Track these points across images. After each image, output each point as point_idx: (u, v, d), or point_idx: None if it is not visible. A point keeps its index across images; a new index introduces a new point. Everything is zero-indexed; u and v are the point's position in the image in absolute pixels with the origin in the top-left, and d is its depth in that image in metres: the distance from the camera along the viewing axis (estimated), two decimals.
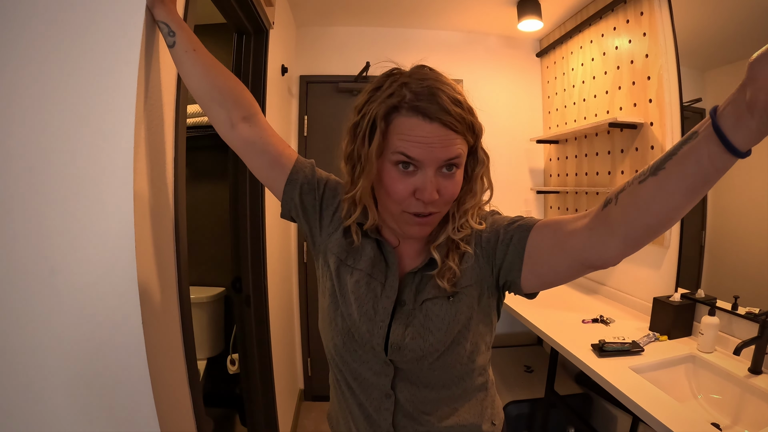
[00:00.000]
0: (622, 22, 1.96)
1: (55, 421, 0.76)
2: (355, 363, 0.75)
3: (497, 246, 0.71)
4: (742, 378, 1.31)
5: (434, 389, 0.74)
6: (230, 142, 0.81)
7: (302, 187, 0.79)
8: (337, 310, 0.75)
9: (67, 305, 0.75)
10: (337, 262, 0.77)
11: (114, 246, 0.75)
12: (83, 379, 0.77)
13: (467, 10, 2.34)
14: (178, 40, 0.79)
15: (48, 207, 0.74)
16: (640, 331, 1.69)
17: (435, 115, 0.63)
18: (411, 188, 0.66)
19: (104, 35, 0.75)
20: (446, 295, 0.72)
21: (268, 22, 1.71)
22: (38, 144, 0.73)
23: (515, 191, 2.74)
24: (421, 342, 0.70)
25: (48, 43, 0.74)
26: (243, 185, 1.70)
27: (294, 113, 2.54)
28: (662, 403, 1.18)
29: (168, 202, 0.93)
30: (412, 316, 0.72)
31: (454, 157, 0.66)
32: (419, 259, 0.76)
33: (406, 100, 0.65)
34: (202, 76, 0.79)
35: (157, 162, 0.87)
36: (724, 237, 1.60)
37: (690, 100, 1.67)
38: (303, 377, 2.67)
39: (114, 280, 0.76)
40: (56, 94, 0.74)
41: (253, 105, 0.83)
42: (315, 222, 0.81)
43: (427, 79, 0.66)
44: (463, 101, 0.67)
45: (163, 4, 0.78)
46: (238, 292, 1.75)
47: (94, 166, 0.75)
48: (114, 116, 0.75)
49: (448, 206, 0.71)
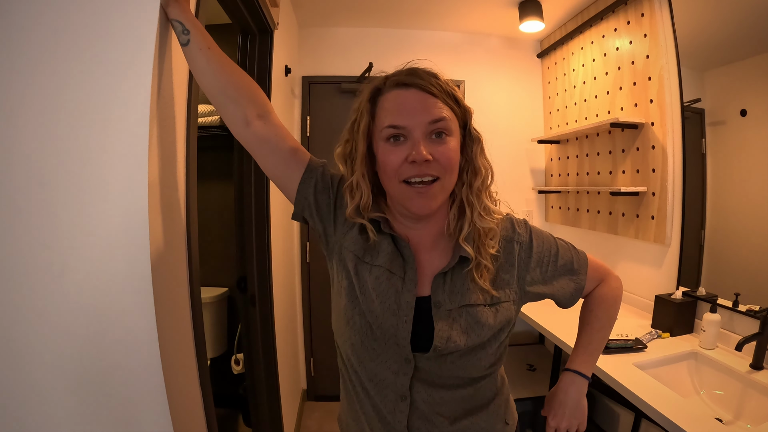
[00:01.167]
0: (623, 23, 1.98)
1: (63, 421, 0.76)
2: (372, 362, 0.74)
3: (538, 275, 0.80)
4: (744, 374, 1.32)
5: (450, 389, 0.75)
6: (244, 139, 0.81)
7: (317, 186, 0.80)
8: (355, 308, 0.75)
9: (79, 303, 0.75)
10: (355, 260, 0.77)
11: (128, 244, 0.75)
12: (95, 378, 0.76)
13: (469, 12, 2.36)
14: (193, 39, 0.79)
15: (62, 205, 0.74)
16: (643, 328, 1.70)
17: (412, 81, 0.70)
18: (403, 155, 0.69)
19: (119, 33, 0.76)
20: (485, 304, 0.74)
21: (273, 22, 1.72)
22: (52, 142, 0.74)
23: (517, 191, 2.75)
24: (461, 342, 0.71)
25: (63, 41, 0.74)
26: (248, 185, 1.71)
27: (297, 114, 2.55)
28: (666, 399, 1.19)
29: (179, 200, 0.93)
30: (452, 318, 0.72)
31: (438, 119, 0.69)
32: (446, 258, 0.76)
33: (388, 81, 0.73)
34: (216, 74, 0.80)
35: (170, 160, 0.88)
36: (723, 235, 1.62)
37: (690, 100, 1.69)
38: (306, 377, 2.68)
39: (127, 279, 0.76)
40: (70, 93, 0.74)
41: (267, 103, 0.83)
42: (329, 221, 0.81)
43: (408, 64, 0.75)
44: (440, 75, 0.74)
45: (176, 2, 0.79)
46: (243, 292, 1.75)
47: (108, 164, 0.75)
48: (128, 114, 0.76)
49: (450, 175, 0.72)
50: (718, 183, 1.62)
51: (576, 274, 0.84)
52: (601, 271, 0.89)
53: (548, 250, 0.81)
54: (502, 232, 0.78)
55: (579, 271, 0.84)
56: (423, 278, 0.76)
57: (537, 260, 0.79)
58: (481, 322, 0.72)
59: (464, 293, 0.73)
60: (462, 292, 0.73)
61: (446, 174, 0.71)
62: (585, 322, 0.90)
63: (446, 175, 0.71)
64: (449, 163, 0.71)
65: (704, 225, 1.66)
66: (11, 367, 0.74)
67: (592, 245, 2.31)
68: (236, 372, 1.96)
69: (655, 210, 1.83)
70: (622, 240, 2.09)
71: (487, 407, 0.79)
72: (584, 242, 2.37)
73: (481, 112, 3.01)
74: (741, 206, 1.54)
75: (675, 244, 1.77)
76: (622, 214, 2.03)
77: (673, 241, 1.77)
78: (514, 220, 0.83)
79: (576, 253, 0.86)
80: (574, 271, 0.83)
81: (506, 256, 0.78)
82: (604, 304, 0.88)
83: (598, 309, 0.88)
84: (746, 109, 1.47)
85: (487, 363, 0.75)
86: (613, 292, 0.89)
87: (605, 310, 0.88)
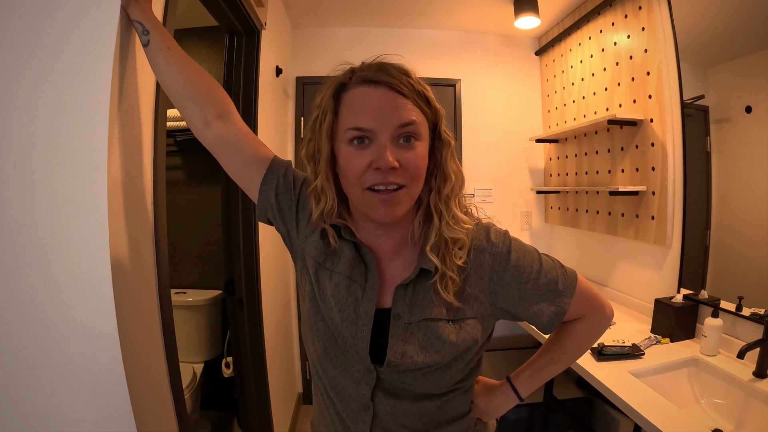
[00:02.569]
0: (621, 17, 1.93)
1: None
2: (334, 371, 0.71)
3: (513, 292, 0.71)
4: (747, 382, 1.27)
5: (414, 401, 0.70)
6: (204, 140, 0.79)
7: (278, 187, 0.77)
8: (318, 314, 0.72)
9: (46, 305, 0.74)
10: (315, 265, 0.74)
11: (89, 246, 0.75)
12: (59, 381, 0.76)
13: (464, 9, 2.32)
14: (152, 39, 0.78)
15: (25, 206, 0.73)
16: (641, 333, 1.65)
17: (381, 79, 0.64)
18: (367, 161, 0.64)
19: (79, 34, 0.75)
20: (448, 319, 0.68)
21: (259, 22, 1.70)
22: (13, 142, 0.73)
23: (515, 192, 2.69)
24: (418, 359, 0.67)
25: (23, 41, 0.73)
26: (235, 186, 1.68)
27: (290, 115, 2.53)
28: (662, 409, 1.14)
29: (146, 203, 0.91)
30: (410, 332, 0.68)
31: (408, 123, 0.63)
32: (410, 269, 0.71)
33: (354, 76, 0.66)
34: (176, 74, 0.78)
35: (135, 162, 0.86)
36: (729, 236, 1.56)
37: (692, 97, 1.63)
38: (301, 380, 2.65)
39: (89, 280, 0.75)
40: (31, 93, 0.73)
41: (227, 103, 0.81)
42: (292, 223, 0.78)
43: (377, 58, 0.68)
44: (412, 73, 0.67)
45: (137, 3, 0.78)
46: (231, 295, 1.73)
47: (69, 166, 0.74)
48: (89, 116, 0.75)
49: (416, 183, 0.67)
50: (724, 182, 1.56)
51: (560, 296, 0.72)
52: (591, 300, 0.77)
53: (529, 265, 0.71)
54: (474, 241, 0.71)
55: (563, 293, 0.72)
56: (385, 288, 0.72)
57: (514, 275, 0.70)
58: (442, 338, 0.67)
59: (425, 306, 0.68)
60: (423, 306, 0.68)
61: (413, 182, 0.66)
62: (549, 349, 0.83)
63: (413, 183, 0.66)
64: (416, 171, 0.65)
65: (710, 225, 1.60)
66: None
67: (591, 247, 2.25)
68: (227, 375, 1.93)
69: (655, 210, 1.76)
70: (621, 241, 2.03)
71: (458, 422, 0.75)
72: (583, 244, 2.32)
73: (479, 112, 2.98)
74: (747, 205, 1.48)
75: (676, 246, 1.70)
76: (622, 215, 1.97)
77: (674, 242, 1.71)
78: (492, 230, 0.73)
79: (563, 272, 0.74)
80: (558, 293, 0.72)
81: (475, 267, 0.71)
82: (576, 342, 0.79)
83: (568, 344, 0.80)
84: (751, 106, 1.42)
85: (453, 380, 0.70)
86: (594, 332, 0.79)
87: (574, 349, 0.80)
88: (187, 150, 2.31)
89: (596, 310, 0.78)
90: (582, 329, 0.78)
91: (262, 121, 1.79)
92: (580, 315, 0.77)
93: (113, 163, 0.76)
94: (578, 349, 0.81)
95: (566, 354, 0.81)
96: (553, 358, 0.82)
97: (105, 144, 0.74)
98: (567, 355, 0.81)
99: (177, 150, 2.32)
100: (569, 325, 0.79)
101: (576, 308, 0.74)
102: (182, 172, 2.40)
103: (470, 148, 2.61)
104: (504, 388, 0.85)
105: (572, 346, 0.80)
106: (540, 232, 2.74)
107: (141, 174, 0.89)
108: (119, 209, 0.79)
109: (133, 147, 0.85)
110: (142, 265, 0.89)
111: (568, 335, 0.79)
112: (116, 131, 0.78)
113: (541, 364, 0.83)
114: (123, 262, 0.80)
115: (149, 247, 0.92)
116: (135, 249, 0.85)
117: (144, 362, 0.87)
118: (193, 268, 2.39)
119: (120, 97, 0.79)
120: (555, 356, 0.82)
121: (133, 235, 0.85)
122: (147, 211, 0.91)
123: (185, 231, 2.37)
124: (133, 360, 0.80)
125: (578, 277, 0.75)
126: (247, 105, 1.70)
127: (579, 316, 0.77)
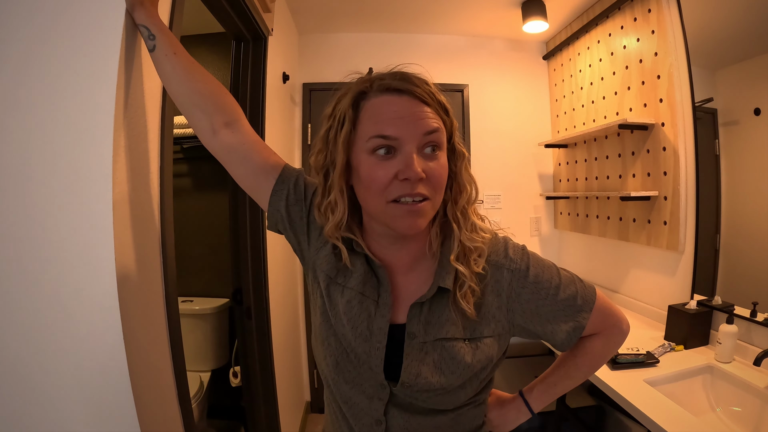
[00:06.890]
0: (630, 20, 1.91)
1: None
2: (346, 386, 0.69)
3: (532, 309, 0.70)
4: (763, 389, 1.24)
5: (428, 416, 0.69)
6: (212, 149, 0.78)
7: (288, 198, 0.75)
8: (329, 329, 0.70)
9: (50, 317, 0.73)
10: (327, 280, 0.72)
11: (94, 259, 0.73)
12: (64, 393, 0.75)
13: (471, 14, 2.31)
14: (158, 43, 0.77)
15: (29, 218, 0.72)
16: (655, 340, 1.61)
17: (404, 87, 0.62)
18: (393, 172, 0.61)
19: (83, 39, 0.74)
20: (464, 338, 0.66)
21: (266, 28, 1.70)
22: (16, 152, 0.72)
23: (524, 197, 2.67)
24: (433, 380, 0.65)
25: (27, 46, 0.73)
26: (243, 194, 1.68)
27: (297, 121, 2.53)
28: (677, 418, 1.12)
29: (153, 210, 0.90)
30: (425, 352, 0.66)
31: (432, 131, 0.62)
32: (426, 283, 0.69)
33: (375, 84, 0.64)
34: (182, 80, 0.77)
35: (141, 171, 0.85)
36: (738, 239, 1.53)
37: (701, 100, 1.61)
38: (309, 389, 2.63)
39: (94, 290, 0.74)
40: (34, 99, 0.72)
41: (235, 110, 0.79)
42: (303, 235, 0.76)
43: (397, 67, 0.67)
44: (430, 82, 0.66)
45: (143, 7, 0.77)
46: (239, 304, 1.72)
47: (73, 177, 0.73)
48: (94, 123, 0.73)
49: (439, 195, 0.65)
50: (733, 185, 1.53)
51: (578, 311, 0.71)
52: (609, 317, 0.75)
53: (548, 280, 0.69)
54: (492, 256, 0.69)
55: (582, 309, 0.71)
56: (398, 303, 0.70)
57: (533, 291, 0.69)
58: (457, 359, 0.65)
59: (442, 324, 0.66)
60: (440, 324, 0.66)
61: (436, 194, 0.64)
62: (563, 364, 0.81)
63: (436, 194, 0.64)
64: (440, 181, 0.64)
65: (719, 229, 1.57)
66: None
67: (602, 253, 2.21)
68: (234, 385, 1.92)
69: (667, 215, 1.73)
70: (633, 247, 1.99)
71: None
72: (594, 250, 2.28)
73: (487, 117, 2.96)
74: (756, 208, 1.46)
75: (689, 251, 1.67)
76: (633, 220, 1.94)
77: (687, 248, 1.68)
78: (510, 245, 0.71)
79: (582, 287, 0.72)
80: (576, 308, 0.70)
81: (493, 284, 0.69)
82: (592, 358, 0.78)
83: (583, 360, 0.78)
84: (760, 108, 1.40)
85: (467, 397, 0.69)
86: (610, 347, 0.78)
87: (589, 365, 0.79)
88: (194, 157, 2.31)
89: (614, 326, 0.76)
90: (598, 345, 0.76)
91: (269, 128, 1.79)
92: (597, 331, 0.75)
93: (119, 172, 0.75)
94: (593, 365, 0.79)
95: (581, 370, 0.79)
96: (568, 373, 0.80)
97: (110, 153, 0.73)
98: (582, 371, 0.79)
99: (183, 157, 2.33)
100: (585, 341, 0.76)
101: (594, 324, 0.73)
102: (189, 179, 2.40)
103: (479, 153, 2.59)
104: (516, 403, 0.83)
105: (587, 362, 0.78)
106: (550, 238, 2.71)
107: (147, 183, 0.88)
108: (125, 220, 0.78)
109: (140, 156, 0.84)
110: (149, 276, 0.87)
111: (584, 351, 0.77)
112: (122, 140, 0.77)
113: (554, 379, 0.81)
114: (129, 273, 0.79)
115: (156, 258, 0.91)
116: (142, 260, 0.84)
117: (151, 372, 0.86)
118: (200, 276, 2.39)
119: (125, 104, 0.78)
120: (569, 372, 0.80)
121: (140, 245, 0.83)
122: (154, 221, 0.91)
123: (192, 239, 2.36)
124: (139, 370, 0.79)
125: (597, 293, 0.74)
126: (254, 112, 1.70)
127: (596, 331, 0.75)
